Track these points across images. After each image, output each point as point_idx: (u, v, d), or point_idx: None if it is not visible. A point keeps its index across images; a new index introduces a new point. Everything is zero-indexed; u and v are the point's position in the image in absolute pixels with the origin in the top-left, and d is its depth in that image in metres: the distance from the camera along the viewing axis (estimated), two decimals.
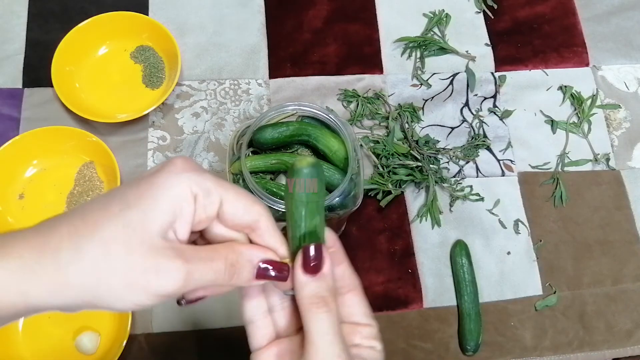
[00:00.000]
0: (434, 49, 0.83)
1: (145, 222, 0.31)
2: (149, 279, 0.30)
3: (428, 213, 0.74)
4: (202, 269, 0.32)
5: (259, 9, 0.84)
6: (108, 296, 0.30)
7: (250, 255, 0.34)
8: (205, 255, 0.33)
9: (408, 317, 0.70)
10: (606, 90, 0.84)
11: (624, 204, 0.77)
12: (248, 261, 0.34)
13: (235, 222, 0.34)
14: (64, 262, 0.30)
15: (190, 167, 0.33)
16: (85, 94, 0.77)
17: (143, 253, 0.30)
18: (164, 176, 0.32)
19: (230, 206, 0.34)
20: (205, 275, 0.32)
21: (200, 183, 0.33)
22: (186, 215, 0.32)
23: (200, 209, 0.33)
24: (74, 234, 0.30)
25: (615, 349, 0.71)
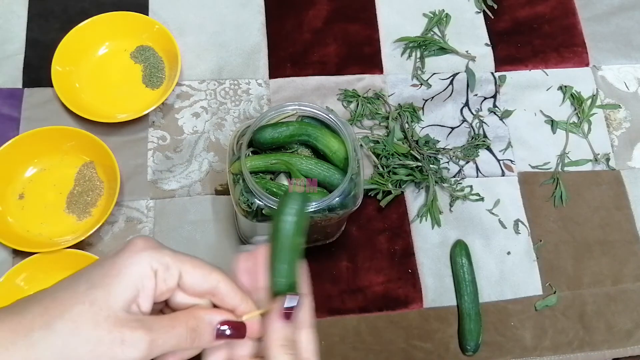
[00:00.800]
0: (434, 49, 0.83)
1: (109, 299, 0.34)
2: (115, 350, 0.33)
3: (428, 213, 0.74)
4: (164, 336, 0.35)
5: (259, 9, 0.84)
6: None
7: (209, 318, 0.37)
8: (167, 323, 0.36)
9: (408, 317, 0.70)
10: (606, 90, 0.84)
11: (624, 204, 0.77)
12: (208, 324, 0.37)
13: (195, 290, 0.38)
14: (35, 340, 0.33)
15: (149, 246, 0.36)
16: (85, 94, 0.77)
17: (108, 327, 0.33)
18: (125, 255, 0.35)
19: (189, 277, 0.37)
20: (168, 341, 0.35)
21: (160, 259, 0.36)
22: (147, 290, 0.36)
23: (160, 282, 0.36)
24: (45, 314, 0.33)
25: (615, 349, 0.71)
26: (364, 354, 0.68)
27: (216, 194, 0.73)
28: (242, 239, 0.71)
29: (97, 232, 0.69)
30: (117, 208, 0.72)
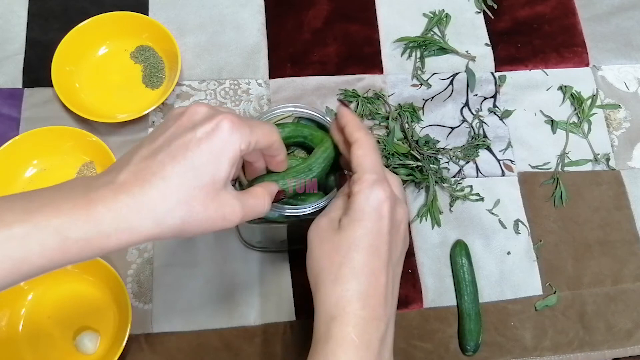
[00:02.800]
0: (434, 49, 0.83)
1: (214, 183, 0.41)
2: (217, 223, 0.42)
3: (428, 213, 0.74)
4: (251, 212, 0.44)
5: (259, 9, 0.84)
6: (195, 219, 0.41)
7: (273, 190, 0.49)
8: (253, 201, 0.45)
9: (408, 317, 0.70)
10: (606, 90, 0.84)
11: (624, 204, 0.77)
12: (270, 198, 0.48)
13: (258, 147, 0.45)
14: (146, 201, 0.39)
15: (236, 127, 0.41)
16: (85, 94, 0.77)
17: (214, 207, 0.41)
18: (219, 141, 0.41)
19: (260, 144, 0.44)
20: (251, 215, 0.45)
21: (246, 140, 0.42)
22: (238, 166, 0.45)
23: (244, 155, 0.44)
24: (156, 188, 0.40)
25: (615, 349, 0.71)
26: None
27: None
28: (242, 242, 0.71)
29: None
30: None
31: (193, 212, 0.40)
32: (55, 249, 0.37)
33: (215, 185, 0.41)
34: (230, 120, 0.41)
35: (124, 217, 0.38)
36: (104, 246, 0.38)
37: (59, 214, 0.37)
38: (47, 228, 0.37)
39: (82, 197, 0.38)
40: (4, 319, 0.66)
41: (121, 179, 0.39)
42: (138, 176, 0.39)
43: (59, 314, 0.67)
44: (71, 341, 0.66)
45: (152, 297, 0.69)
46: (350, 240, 0.44)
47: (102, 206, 0.38)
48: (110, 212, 0.38)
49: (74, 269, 0.68)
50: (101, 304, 0.68)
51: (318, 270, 0.45)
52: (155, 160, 0.40)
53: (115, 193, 0.38)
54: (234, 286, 0.70)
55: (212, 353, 0.67)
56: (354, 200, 0.45)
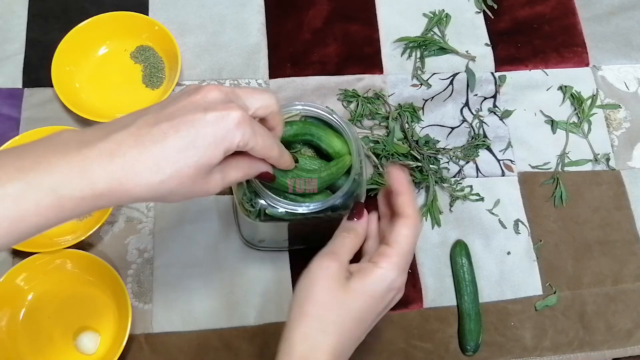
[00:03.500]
0: (434, 49, 0.83)
1: (210, 159, 0.42)
2: (202, 188, 0.43)
3: (428, 213, 0.74)
4: (233, 177, 0.46)
5: (259, 9, 0.84)
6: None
7: (259, 167, 0.49)
8: (234, 170, 0.46)
9: (408, 317, 0.70)
10: (606, 90, 0.84)
11: (624, 204, 0.77)
12: (256, 171, 0.49)
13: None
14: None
15: (244, 123, 0.42)
16: (85, 94, 0.77)
17: (203, 177, 0.42)
18: (225, 127, 0.41)
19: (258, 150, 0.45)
20: (234, 179, 0.46)
21: (247, 140, 0.43)
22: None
23: None
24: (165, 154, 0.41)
25: (615, 349, 0.71)
26: (364, 354, 0.68)
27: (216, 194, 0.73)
28: (243, 240, 0.71)
29: (97, 232, 0.69)
30: (117, 208, 0.72)
31: (182, 186, 0.41)
32: (50, 207, 0.37)
33: (208, 167, 0.42)
34: (240, 114, 0.42)
35: (118, 179, 0.39)
36: (97, 204, 0.39)
37: (53, 171, 0.37)
38: (42, 186, 0.37)
39: (76, 153, 0.38)
40: (4, 319, 0.66)
41: (119, 138, 0.39)
42: (138, 140, 0.40)
43: (59, 314, 0.67)
44: (71, 341, 0.66)
45: (152, 297, 0.68)
46: (353, 307, 0.46)
47: (97, 165, 0.38)
48: (105, 173, 0.38)
49: (74, 269, 0.68)
50: (101, 304, 0.68)
51: (310, 309, 0.46)
52: (159, 128, 0.40)
53: (111, 153, 0.39)
54: (234, 286, 0.70)
55: (212, 353, 0.67)
56: (374, 271, 0.47)
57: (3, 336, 0.65)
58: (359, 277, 0.46)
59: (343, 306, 0.46)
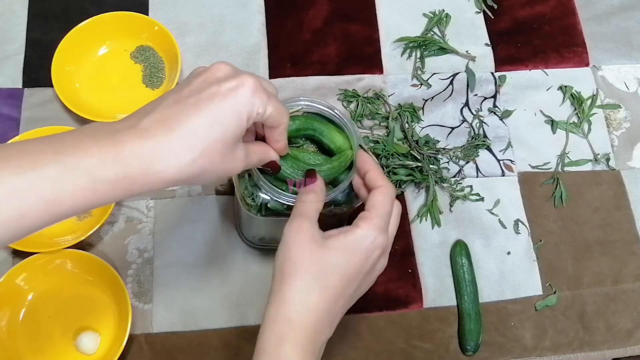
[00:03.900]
0: (434, 49, 0.83)
1: (232, 132, 0.43)
2: (228, 165, 0.44)
3: (428, 213, 0.74)
4: (253, 160, 0.48)
5: (259, 9, 0.84)
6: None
7: (272, 154, 0.51)
8: (255, 152, 0.48)
9: (408, 317, 0.70)
10: (606, 90, 0.84)
11: (624, 204, 0.77)
12: (270, 156, 0.51)
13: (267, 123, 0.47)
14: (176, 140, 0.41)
15: (258, 90, 0.43)
16: (85, 94, 0.77)
17: (229, 151, 0.43)
18: (242, 97, 0.43)
19: (271, 114, 0.46)
20: (253, 163, 0.48)
21: (264, 105, 0.44)
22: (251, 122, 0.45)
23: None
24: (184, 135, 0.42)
25: (615, 349, 0.71)
26: (364, 354, 0.68)
27: (217, 194, 0.73)
28: (243, 239, 0.71)
29: (97, 232, 0.69)
30: (117, 208, 0.72)
31: (213, 163, 0.42)
32: (86, 189, 0.38)
33: (234, 139, 0.43)
34: (254, 82, 0.43)
35: (150, 162, 0.40)
36: (130, 188, 0.40)
37: (89, 155, 0.39)
38: (79, 169, 0.38)
39: (109, 139, 0.40)
40: (4, 319, 0.66)
41: (145, 124, 0.41)
42: (164, 124, 0.41)
43: (59, 314, 0.67)
44: (71, 341, 0.66)
45: (152, 297, 0.69)
46: (333, 262, 0.47)
47: (128, 149, 0.39)
48: (137, 156, 0.39)
49: (74, 269, 0.68)
50: (101, 304, 0.68)
51: (290, 268, 0.46)
52: (181, 110, 0.41)
53: (140, 137, 0.40)
54: (234, 286, 0.70)
55: (212, 353, 0.67)
56: (354, 232, 0.47)
57: (3, 336, 0.65)
58: (338, 236, 0.47)
59: (322, 262, 0.46)
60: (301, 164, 0.55)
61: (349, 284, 0.47)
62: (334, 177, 0.56)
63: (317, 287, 0.46)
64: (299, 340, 0.44)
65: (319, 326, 0.46)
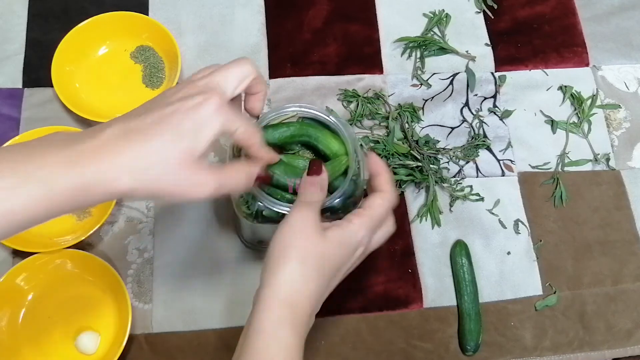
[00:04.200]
0: (434, 49, 0.83)
1: (194, 149, 0.43)
2: (191, 190, 0.44)
3: (428, 213, 0.74)
4: (227, 183, 0.47)
5: (259, 9, 0.84)
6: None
7: (253, 172, 0.50)
8: (229, 173, 0.47)
9: (408, 317, 0.70)
10: (606, 90, 0.84)
11: (624, 204, 0.77)
12: (252, 176, 0.49)
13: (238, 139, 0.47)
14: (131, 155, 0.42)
15: (222, 107, 0.44)
16: (85, 94, 0.77)
17: (191, 170, 0.43)
18: (205, 114, 0.43)
19: (241, 129, 0.46)
20: (228, 186, 0.47)
21: (230, 122, 0.44)
22: (215, 142, 0.45)
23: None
24: (137, 148, 0.42)
25: (615, 349, 0.71)
26: (364, 354, 0.68)
27: None
28: (242, 240, 0.71)
29: (97, 232, 0.69)
30: (117, 208, 0.72)
31: (167, 173, 0.42)
32: (41, 199, 0.39)
33: (192, 154, 0.43)
34: (218, 100, 0.44)
35: (104, 171, 0.40)
36: (86, 198, 0.41)
37: (45, 165, 0.39)
38: (33, 179, 0.39)
39: (67, 149, 0.40)
40: (4, 319, 0.66)
41: (106, 134, 0.41)
42: (124, 135, 0.42)
43: (59, 314, 0.67)
44: (71, 341, 0.66)
45: (152, 297, 0.69)
46: (330, 253, 0.48)
47: (84, 158, 0.40)
48: (92, 165, 0.40)
49: (74, 269, 0.68)
50: (101, 304, 0.68)
51: (292, 254, 0.47)
52: (143, 120, 0.42)
53: (97, 147, 0.41)
54: (233, 286, 0.70)
55: (212, 353, 0.67)
56: (348, 226, 0.49)
57: (3, 336, 0.65)
58: (335, 229, 0.49)
59: (322, 252, 0.47)
60: (294, 169, 0.55)
61: (337, 274, 0.49)
62: (329, 183, 0.56)
63: (316, 275, 0.47)
64: (297, 325, 0.46)
65: (312, 312, 0.48)
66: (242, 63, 0.49)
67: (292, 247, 0.47)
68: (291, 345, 0.45)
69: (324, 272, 0.48)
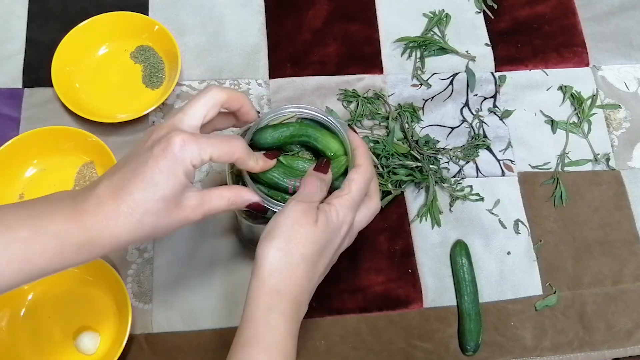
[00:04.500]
0: (434, 49, 0.83)
1: (169, 193, 0.45)
2: (181, 223, 0.48)
3: (428, 213, 0.74)
4: (213, 207, 0.49)
5: (259, 9, 0.84)
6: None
7: (246, 198, 0.52)
8: (215, 199, 0.49)
9: (408, 317, 0.70)
10: (606, 90, 0.84)
11: (624, 204, 0.77)
12: (242, 202, 0.52)
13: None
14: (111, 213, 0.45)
15: (187, 143, 0.46)
16: (85, 94, 0.77)
17: (175, 212, 0.47)
18: (169, 160, 0.45)
19: (216, 158, 0.48)
20: (213, 209, 0.49)
21: (197, 157, 0.46)
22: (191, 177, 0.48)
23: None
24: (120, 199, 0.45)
25: (615, 349, 0.71)
26: (364, 354, 0.68)
27: None
28: (242, 241, 0.71)
29: None
30: None
31: (160, 219, 0.46)
32: (54, 251, 0.43)
33: (176, 194, 0.46)
34: (180, 138, 0.46)
35: (106, 226, 0.44)
36: (93, 250, 0.45)
37: (55, 221, 0.43)
38: (48, 233, 0.43)
39: (72, 208, 0.44)
40: (4, 319, 0.66)
41: (99, 192, 0.45)
42: (112, 191, 0.45)
43: (59, 314, 0.67)
44: (71, 341, 0.66)
45: (152, 297, 0.69)
46: (319, 242, 0.50)
47: (87, 216, 0.44)
48: (96, 222, 0.44)
49: (74, 269, 0.68)
50: (101, 304, 0.68)
51: (286, 246, 0.49)
52: (122, 177, 0.45)
53: (96, 205, 0.44)
54: (234, 286, 0.70)
55: (212, 353, 0.67)
56: (330, 209, 0.51)
57: (3, 336, 0.65)
58: (321, 217, 0.50)
59: (313, 241, 0.49)
60: (293, 170, 0.55)
61: (325, 257, 0.51)
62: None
63: (303, 263, 0.49)
64: (286, 310, 0.48)
65: (301, 298, 0.49)
66: (206, 91, 0.50)
67: (278, 237, 0.49)
68: (282, 330, 0.47)
69: (312, 258, 0.49)
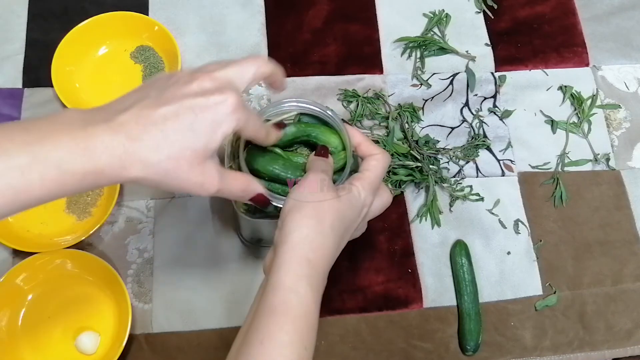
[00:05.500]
0: (434, 49, 0.83)
1: (205, 150, 0.44)
2: (196, 189, 0.45)
3: (428, 213, 0.74)
4: (227, 189, 0.47)
5: (259, 9, 0.84)
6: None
7: (255, 188, 0.51)
8: (231, 181, 0.48)
9: (408, 317, 0.70)
10: (606, 90, 0.83)
11: (624, 204, 0.77)
12: (253, 190, 0.51)
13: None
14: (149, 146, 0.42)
15: (238, 109, 0.44)
16: (85, 94, 0.77)
17: (198, 171, 0.44)
18: (222, 113, 0.44)
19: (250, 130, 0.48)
20: (227, 193, 0.48)
21: (242, 121, 0.45)
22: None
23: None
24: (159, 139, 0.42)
25: (615, 349, 0.71)
26: (364, 354, 0.68)
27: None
28: (242, 239, 0.71)
29: (97, 232, 0.69)
30: (117, 208, 0.72)
31: (178, 169, 0.43)
32: (53, 180, 0.39)
33: (205, 152, 0.44)
34: (237, 100, 0.44)
35: (119, 157, 0.40)
36: (97, 181, 0.41)
37: (58, 147, 0.39)
38: (47, 160, 0.39)
39: (81, 131, 0.40)
40: (4, 319, 0.66)
41: (121, 119, 0.41)
42: (139, 122, 0.42)
43: (59, 314, 0.67)
44: (71, 341, 0.66)
45: (152, 297, 0.69)
46: (343, 214, 0.50)
47: (99, 143, 0.40)
48: (107, 150, 0.40)
49: (74, 269, 0.68)
50: (101, 304, 0.68)
51: (312, 213, 0.48)
52: (159, 112, 0.42)
53: (113, 132, 0.41)
54: (234, 286, 0.70)
55: (212, 353, 0.67)
56: (352, 188, 0.51)
57: (3, 336, 0.65)
58: (344, 191, 0.51)
59: (337, 213, 0.49)
60: (292, 163, 0.56)
61: (347, 233, 0.51)
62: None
63: (332, 234, 0.48)
64: (313, 280, 0.47)
65: (327, 269, 0.49)
66: (259, 62, 0.49)
67: (309, 205, 0.48)
68: (310, 301, 0.46)
69: (339, 232, 0.49)
